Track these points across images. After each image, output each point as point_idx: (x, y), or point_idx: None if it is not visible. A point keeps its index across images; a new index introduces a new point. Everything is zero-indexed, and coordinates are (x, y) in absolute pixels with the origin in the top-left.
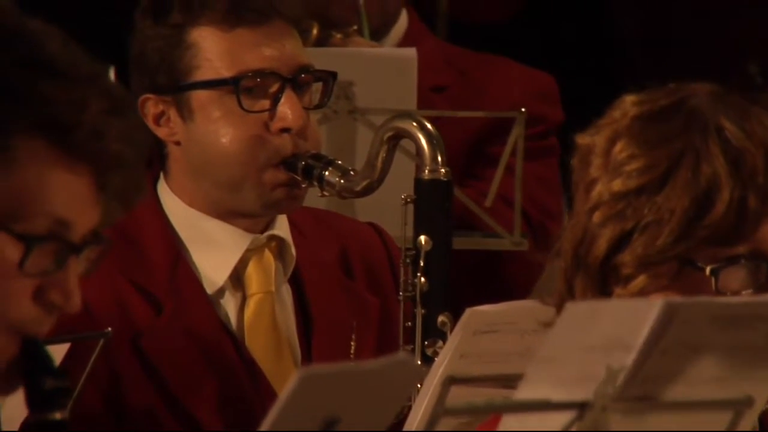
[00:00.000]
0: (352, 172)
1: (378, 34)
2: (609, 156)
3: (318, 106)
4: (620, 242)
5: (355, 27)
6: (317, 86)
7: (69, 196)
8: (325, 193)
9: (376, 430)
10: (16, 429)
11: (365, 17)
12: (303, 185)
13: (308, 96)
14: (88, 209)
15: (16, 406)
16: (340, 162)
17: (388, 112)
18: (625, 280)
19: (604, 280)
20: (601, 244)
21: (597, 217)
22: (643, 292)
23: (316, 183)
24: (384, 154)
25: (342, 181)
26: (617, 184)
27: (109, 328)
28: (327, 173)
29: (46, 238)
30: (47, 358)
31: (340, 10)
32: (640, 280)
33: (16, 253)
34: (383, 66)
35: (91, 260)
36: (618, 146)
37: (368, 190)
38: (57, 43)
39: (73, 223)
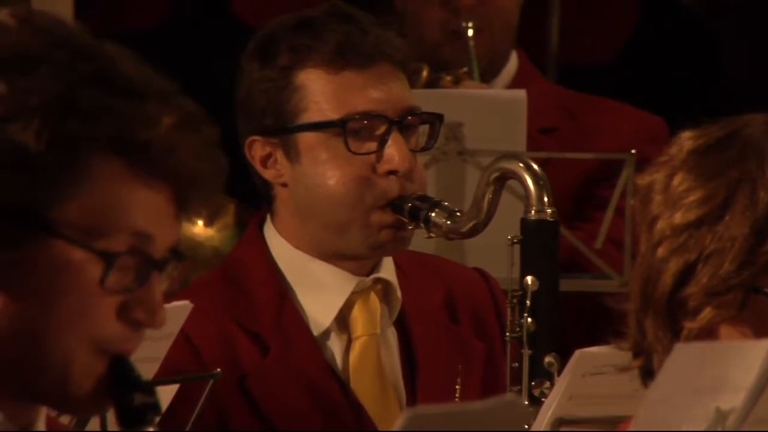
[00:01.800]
0: (458, 213)
1: (488, 76)
2: (668, 191)
3: (424, 149)
4: (685, 275)
5: (466, 69)
6: (424, 128)
7: (148, 211)
8: (432, 235)
9: None
10: None
11: (476, 59)
12: (409, 227)
13: (415, 138)
14: (169, 224)
15: None
16: (446, 203)
17: (497, 153)
18: (693, 312)
19: (672, 316)
20: (667, 279)
21: (660, 252)
22: (711, 323)
23: (422, 224)
24: (490, 195)
25: (448, 222)
26: (678, 217)
27: (218, 369)
28: (433, 214)
29: (126, 253)
30: (135, 375)
31: (451, 52)
32: (707, 312)
33: (98, 270)
34: (493, 107)
35: (174, 278)
36: (676, 180)
37: (474, 231)
38: (129, 63)
39: (154, 238)
